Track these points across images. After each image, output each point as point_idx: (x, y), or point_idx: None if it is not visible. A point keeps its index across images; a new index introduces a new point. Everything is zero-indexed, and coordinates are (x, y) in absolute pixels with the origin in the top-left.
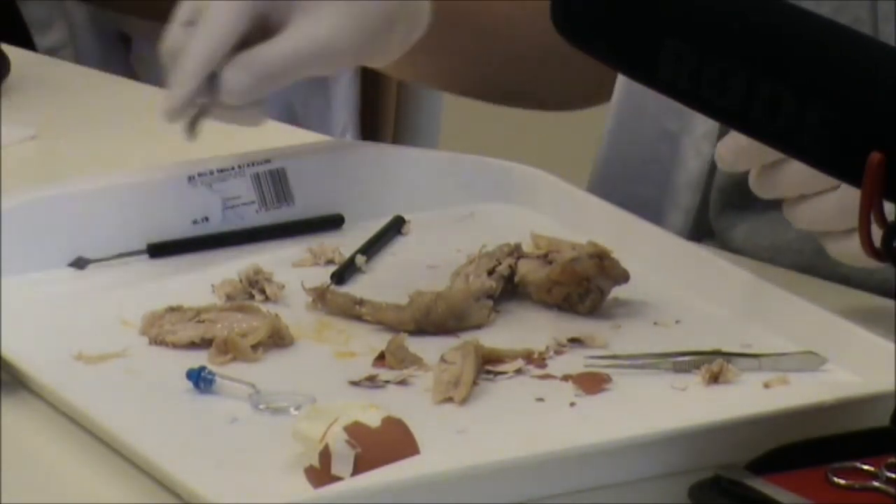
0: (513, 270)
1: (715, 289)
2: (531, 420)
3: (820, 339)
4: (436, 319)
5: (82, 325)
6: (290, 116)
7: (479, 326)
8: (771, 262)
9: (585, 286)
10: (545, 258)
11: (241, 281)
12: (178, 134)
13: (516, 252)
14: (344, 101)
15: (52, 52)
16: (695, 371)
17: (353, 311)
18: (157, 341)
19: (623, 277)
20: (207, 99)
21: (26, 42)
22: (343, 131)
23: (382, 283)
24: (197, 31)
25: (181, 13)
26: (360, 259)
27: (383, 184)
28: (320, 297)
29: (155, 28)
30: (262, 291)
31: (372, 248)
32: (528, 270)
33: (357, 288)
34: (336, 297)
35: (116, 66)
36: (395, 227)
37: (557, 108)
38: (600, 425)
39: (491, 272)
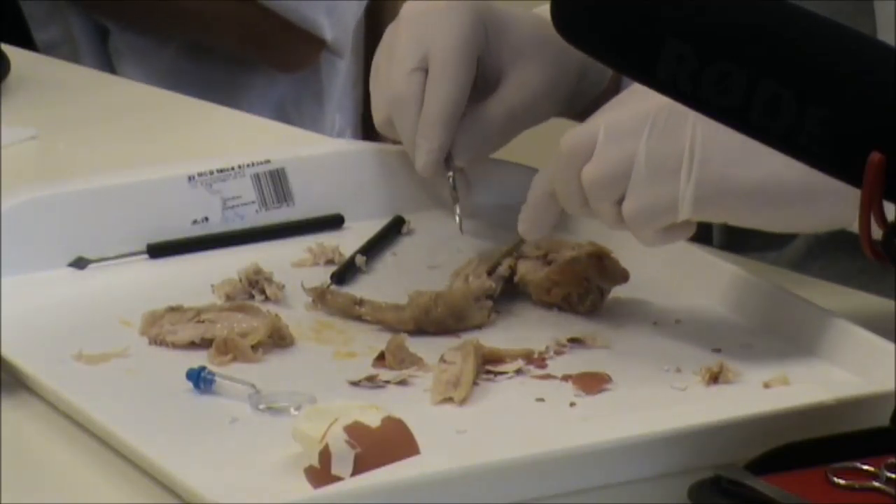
0: (513, 271)
1: (715, 289)
2: (531, 420)
3: (820, 339)
4: (436, 319)
5: (82, 325)
6: (282, 117)
7: (478, 326)
8: None
9: (585, 286)
10: (544, 258)
11: (241, 281)
12: (177, 134)
13: (515, 252)
14: (338, 103)
15: (50, 47)
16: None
17: (353, 312)
18: (157, 341)
19: (623, 277)
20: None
21: (25, 37)
22: (339, 133)
23: (382, 283)
24: (435, 87)
25: (406, 58)
26: (359, 259)
27: (383, 184)
28: (320, 298)
29: (131, 21)
30: (262, 291)
31: (372, 248)
32: (528, 270)
33: (357, 288)
34: (336, 297)
35: (93, 58)
36: (395, 227)
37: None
38: (600, 425)
39: (490, 272)
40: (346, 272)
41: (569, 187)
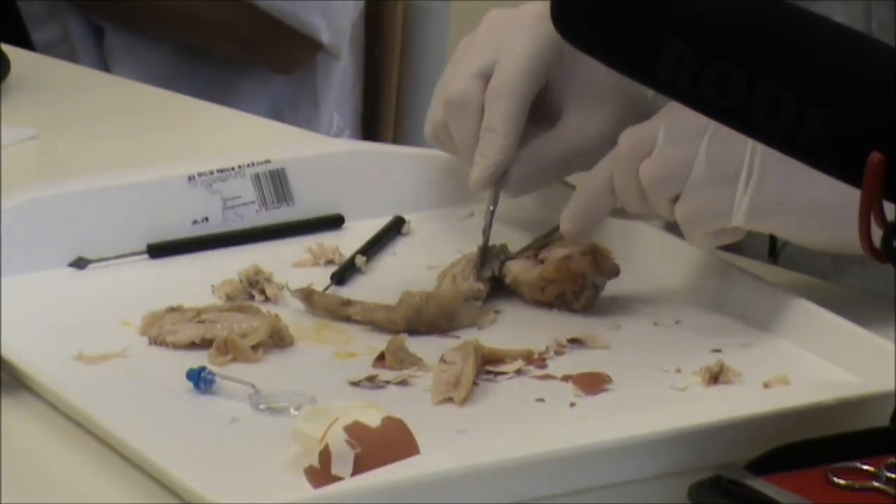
0: (501, 271)
1: (715, 289)
2: (531, 420)
3: (820, 339)
4: (427, 319)
5: (82, 325)
6: (277, 118)
7: (469, 326)
8: None
9: (580, 283)
10: (536, 257)
11: (241, 281)
12: (177, 134)
13: (502, 254)
14: (335, 103)
15: (48, 46)
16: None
17: (341, 312)
18: (157, 341)
19: (613, 271)
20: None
21: (23, 36)
22: (338, 134)
23: (382, 283)
24: (497, 95)
25: (472, 62)
26: (359, 259)
27: (383, 184)
28: (307, 299)
29: (126, 21)
30: (262, 291)
31: (372, 248)
32: (521, 270)
33: (357, 288)
34: (323, 298)
35: (91, 58)
36: (395, 227)
37: None
38: (600, 425)
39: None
40: (345, 272)
41: (627, 184)
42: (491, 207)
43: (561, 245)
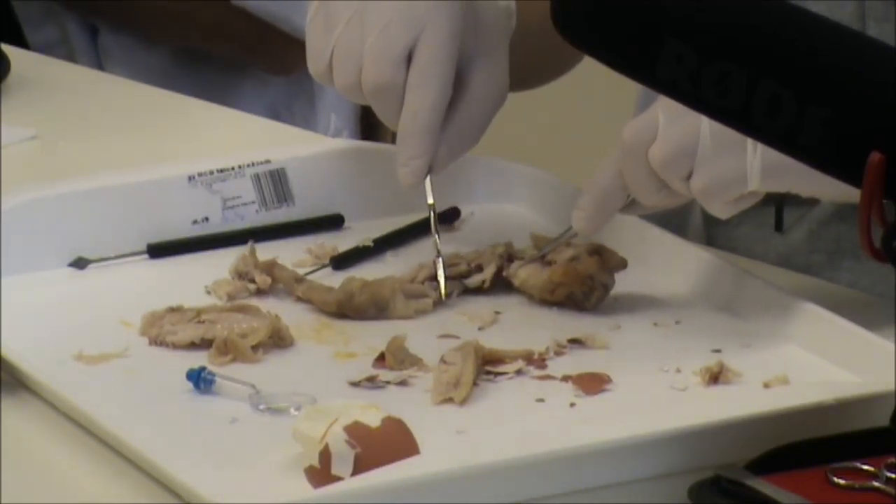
0: (499, 270)
1: (715, 289)
2: (531, 420)
3: (820, 339)
4: (357, 305)
5: (82, 325)
6: (274, 119)
7: (402, 318)
8: None
9: (589, 284)
10: (542, 259)
11: (232, 278)
12: (177, 134)
13: (506, 253)
14: (333, 104)
15: (46, 48)
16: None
17: (293, 289)
18: (157, 341)
19: (621, 265)
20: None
21: (18, 39)
22: (336, 134)
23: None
24: (422, 90)
25: (395, 40)
26: (365, 240)
27: (383, 184)
28: (268, 269)
29: (122, 23)
30: (253, 280)
31: (385, 239)
32: (529, 274)
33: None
34: (281, 271)
35: (89, 60)
36: (447, 218)
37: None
38: (600, 425)
39: (466, 275)
40: (345, 260)
41: (639, 173)
42: (432, 201)
43: (567, 246)
